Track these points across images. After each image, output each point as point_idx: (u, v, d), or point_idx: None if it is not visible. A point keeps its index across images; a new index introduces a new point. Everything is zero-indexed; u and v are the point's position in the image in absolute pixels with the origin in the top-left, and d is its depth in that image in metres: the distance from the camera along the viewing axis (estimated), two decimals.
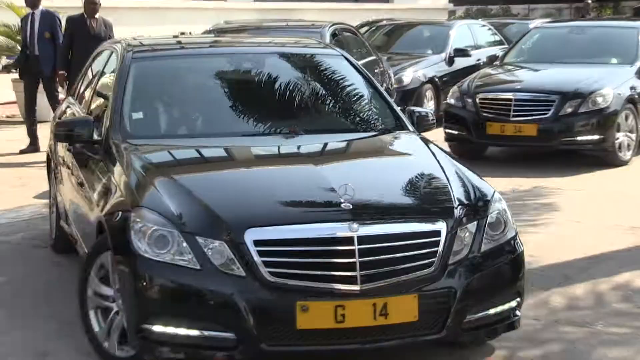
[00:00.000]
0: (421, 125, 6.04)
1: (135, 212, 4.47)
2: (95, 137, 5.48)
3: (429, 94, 14.54)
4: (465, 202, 4.73)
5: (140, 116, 5.76)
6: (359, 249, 4.19)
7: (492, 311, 4.56)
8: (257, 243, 4.20)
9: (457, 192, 4.79)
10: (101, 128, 5.54)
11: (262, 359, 4.29)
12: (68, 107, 7.29)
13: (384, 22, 17.82)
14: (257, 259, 4.17)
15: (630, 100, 11.04)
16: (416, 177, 5.17)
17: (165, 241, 4.29)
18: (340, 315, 4.12)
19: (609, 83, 10.98)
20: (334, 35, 11.67)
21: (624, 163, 10.82)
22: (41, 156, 11.34)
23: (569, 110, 10.63)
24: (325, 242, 4.25)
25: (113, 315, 4.65)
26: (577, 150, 11.04)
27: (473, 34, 16.80)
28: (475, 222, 4.60)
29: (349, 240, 4.21)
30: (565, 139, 10.44)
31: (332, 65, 6.53)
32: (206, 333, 4.21)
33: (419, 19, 19.63)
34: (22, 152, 11.68)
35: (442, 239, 4.41)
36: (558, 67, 11.84)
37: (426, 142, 5.72)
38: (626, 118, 10.95)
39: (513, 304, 4.69)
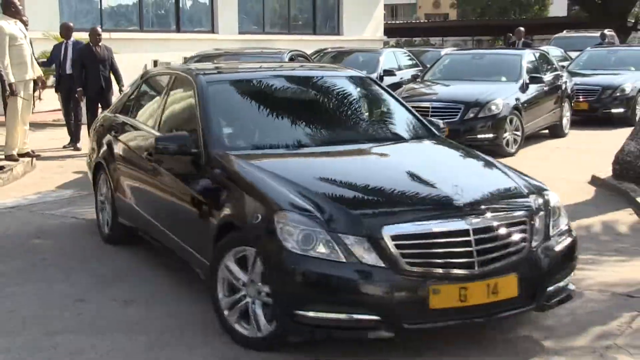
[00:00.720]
0: (440, 133, 5.76)
1: (279, 214, 4.07)
2: (192, 150, 4.95)
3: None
4: (533, 193, 4.51)
5: (231, 131, 5.25)
6: (474, 239, 3.99)
7: (560, 284, 4.36)
8: (393, 238, 3.93)
9: (523, 186, 4.60)
10: (196, 141, 4.97)
11: (403, 335, 4.02)
12: (123, 122, 6.49)
13: (329, 50, 17.87)
14: (394, 251, 3.90)
15: (515, 107, 11.28)
16: (487, 175, 4.95)
17: (310, 238, 3.95)
18: (463, 295, 3.92)
19: (500, 95, 11.19)
20: (290, 59, 11.68)
21: (511, 154, 10.91)
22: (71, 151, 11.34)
23: (471, 115, 10.81)
24: (448, 234, 4.00)
25: (241, 297, 4.28)
26: (477, 145, 11.09)
27: (397, 59, 16.96)
28: (543, 212, 4.38)
29: (466, 232, 4.00)
30: (468, 137, 10.44)
31: (369, 85, 6.21)
32: (353, 316, 3.91)
33: (357, 47, 19.72)
34: (64, 147, 11.60)
35: (528, 226, 4.22)
36: (464, 83, 11.98)
37: (463, 146, 5.56)
38: (512, 121, 11.13)
39: (570, 278, 4.50)
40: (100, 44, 11.32)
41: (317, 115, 5.66)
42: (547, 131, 12.95)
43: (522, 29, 18.29)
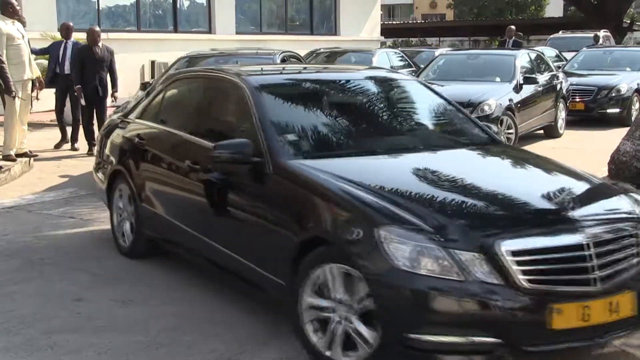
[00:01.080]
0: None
1: (384, 228, 3.68)
2: (253, 158, 4.50)
3: None
4: (634, 203, 4.22)
5: (294, 137, 4.75)
6: (594, 254, 3.68)
7: None
8: (512, 253, 3.57)
9: (620, 195, 4.32)
10: (258, 149, 4.52)
11: (525, 359, 3.72)
12: (149, 128, 5.96)
13: (322, 50, 17.88)
14: (513, 267, 3.54)
15: (509, 108, 11.26)
16: (582, 184, 4.56)
17: (421, 254, 3.58)
18: (586, 314, 3.61)
19: (493, 95, 11.17)
20: (283, 60, 11.60)
21: None
22: (65, 151, 11.32)
23: None
24: (566, 249, 3.68)
25: (335, 325, 3.87)
26: None
27: (390, 59, 16.98)
28: (637, 221, 4.03)
29: (583, 247, 3.68)
30: None
31: (418, 89, 5.85)
32: (473, 339, 3.54)
33: (352, 47, 19.75)
34: (55, 146, 11.56)
35: (637, 239, 3.90)
36: (457, 84, 11.91)
37: (530, 152, 5.29)
38: (505, 122, 11.12)
39: None
40: (100, 44, 11.25)
41: (375, 120, 5.32)
42: (542, 131, 12.97)
43: (512, 27, 18.20)
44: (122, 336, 4.44)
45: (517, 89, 11.78)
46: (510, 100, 11.41)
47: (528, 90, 12.02)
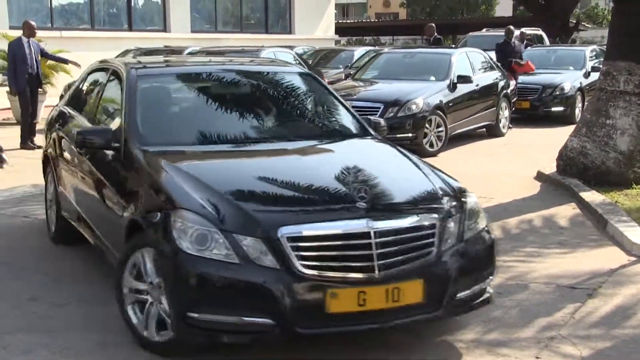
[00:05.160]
0: (378, 132, 5.47)
1: (176, 213, 3.90)
2: (114, 144, 4.80)
3: None
4: (448, 196, 4.29)
5: (153, 126, 4.95)
6: (375, 242, 3.79)
7: (475, 289, 4.14)
8: (290, 239, 3.72)
9: (439, 188, 4.36)
10: (118, 136, 4.82)
11: (297, 341, 3.89)
12: (67, 114, 6.35)
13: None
14: (290, 253, 3.70)
15: (438, 107, 11.14)
16: (404, 176, 4.64)
17: (205, 239, 3.77)
18: (362, 299, 3.73)
19: (422, 94, 11.05)
20: None
21: (433, 154, 10.75)
22: (26, 151, 11.13)
23: (391, 114, 10.56)
24: (348, 237, 3.80)
25: (148, 307, 4.07)
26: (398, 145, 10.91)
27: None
28: (458, 215, 4.15)
29: (367, 235, 3.79)
30: (388, 136, 10.39)
31: (303, 80, 5.87)
32: (244, 319, 3.72)
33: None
34: (23, 147, 11.47)
35: (437, 230, 4.00)
36: (392, 82, 11.81)
37: (393, 145, 5.21)
38: (435, 120, 11.02)
39: (488, 282, 4.29)
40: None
41: (246, 111, 5.36)
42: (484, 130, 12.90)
43: (433, 25, 17.47)
44: (78, 335, 4.37)
45: (451, 88, 11.65)
46: (441, 99, 11.29)
47: (463, 89, 11.87)
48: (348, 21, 52.25)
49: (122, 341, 4.28)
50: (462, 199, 4.32)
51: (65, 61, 12.65)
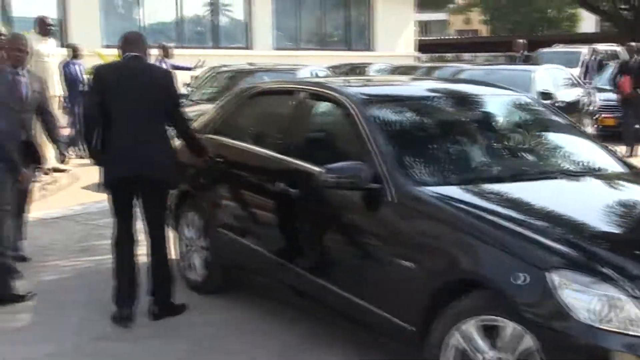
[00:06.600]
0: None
1: (559, 273, 3.00)
2: (371, 185, 3.80)
3: None
4: None
5: (418, 161, 4.00)
6: None
7: None
8: None
9: None
10: (373, 174, 3.83)
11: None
12: (226, 145, 5.23)
13: (345, 64, 18.03)
14: None
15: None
16: None
17: (610, 306, 2.90)
18: None
19: None
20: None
21: None
22: None
23: None
24: None
25: None
26: None
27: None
28: None
29: None
30: None
31: (544, 111, 5.06)
32: None
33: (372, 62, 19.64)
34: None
35: None
36: None
37: None
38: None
39: None
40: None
41: (504, 142, 4.55)
42: None
43: (521, 41, 17.08)
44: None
45: None
46: None
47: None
48: (429, 38, 52.11)
49: (208, 349, 4.40)
50: None
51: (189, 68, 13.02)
